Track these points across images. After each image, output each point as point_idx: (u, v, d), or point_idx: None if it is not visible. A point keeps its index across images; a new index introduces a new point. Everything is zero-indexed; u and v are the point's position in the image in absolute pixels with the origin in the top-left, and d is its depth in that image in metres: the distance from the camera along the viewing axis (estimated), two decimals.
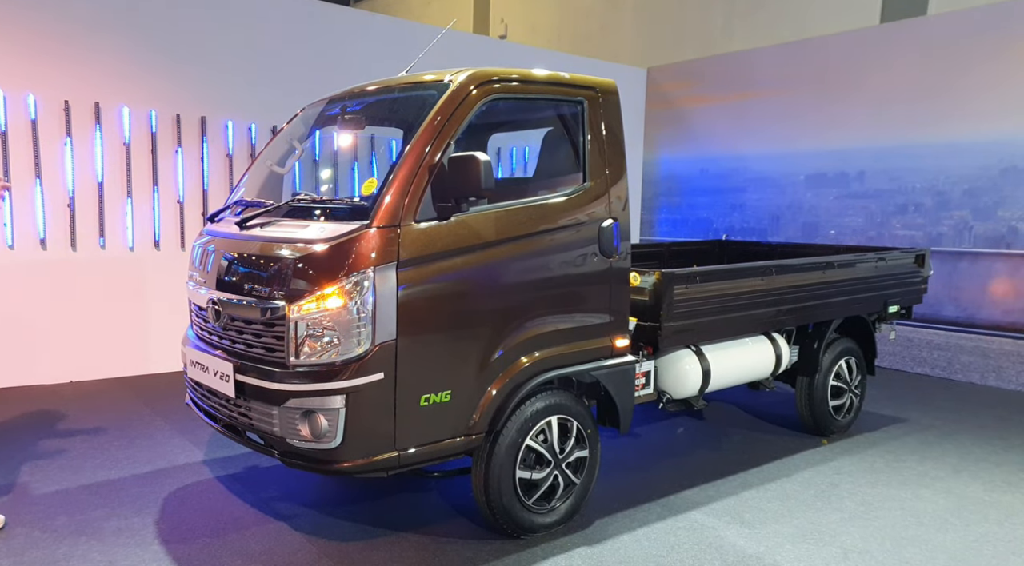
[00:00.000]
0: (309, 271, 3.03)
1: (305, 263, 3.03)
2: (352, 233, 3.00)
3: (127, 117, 6.58)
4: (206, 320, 3.57)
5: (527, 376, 3.36)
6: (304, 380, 3.01)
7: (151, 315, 6.78)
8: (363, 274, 2.94)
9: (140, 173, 6.71)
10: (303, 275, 3.03)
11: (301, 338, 3.03)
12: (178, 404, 5.73)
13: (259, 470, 4.39)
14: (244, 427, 3.30)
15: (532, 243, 3.38)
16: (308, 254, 3.03)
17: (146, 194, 6.74)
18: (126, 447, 4.76)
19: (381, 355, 2.98)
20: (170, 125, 6.79)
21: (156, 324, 6.77)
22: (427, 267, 3.08)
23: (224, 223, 3.74)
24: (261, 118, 7.17)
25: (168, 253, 6.85)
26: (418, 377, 3.09)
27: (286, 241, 3.16)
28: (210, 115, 6.96)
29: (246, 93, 7.08)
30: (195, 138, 6.92)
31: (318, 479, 4.26)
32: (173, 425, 5.22)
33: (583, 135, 3.63)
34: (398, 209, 3.03)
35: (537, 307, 3.41)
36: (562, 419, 3.54)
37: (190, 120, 6.89)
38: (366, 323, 2.96)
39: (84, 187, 6.47)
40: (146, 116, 6.65)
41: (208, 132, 6.96)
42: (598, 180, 3.63)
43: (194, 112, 6.89)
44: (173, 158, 6.83)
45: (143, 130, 6.68)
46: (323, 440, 3.00)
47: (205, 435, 5.00)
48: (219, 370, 3.31)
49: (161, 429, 5.14)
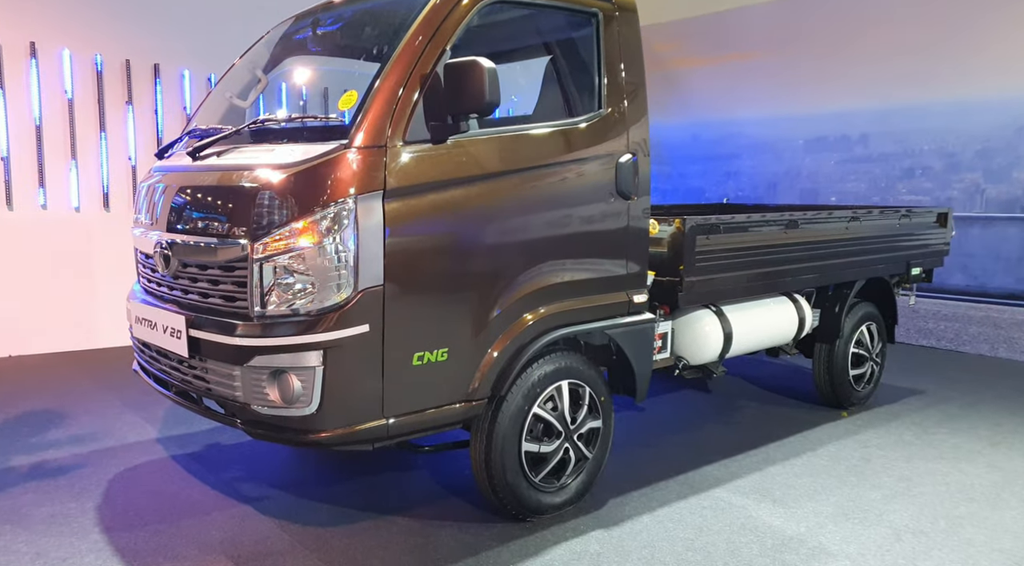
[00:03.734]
0: (275, 202, 2.50)
1: (270, 193, 2.50)
2: (327, 155, 2.47)
3: (68, 61, 5.90)
4: (154, 269, 3.02)
5: (534, 333, 2.88)
6: (272, 334, 2.49)
7: (99, 283, 6.14)
8: (342, 204, 2.43)
9: (85, 125, 6.05)
10: (268, 208, 2.50)
11: (267, 284, 2.50)
12: (130, 379, 5.13)
13: (222, 448, 3.86)
14: (200, 393, 2.77)
15: (540, 177, 2.88)
16: (273, 182, 2.50)
17: (93, 149, 6.09)
18: (67, 424, 4.18)
19: (365, 303, 2.47)
20: (119, 72, 6.14)
21: (105, 293, 6.13)
22: (419, 199, 2.57)
23: (175, 157, 3.18)
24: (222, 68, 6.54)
25: (118, 214, 6.22)
26: (410, 331, 2.59)
27: (247, 168, 2.63)
28: (164, 63, 6.31)
29: (205, 39, 6.44)
30: (148, 89, 6.27)
31: (290, 457, 3.74)
32: (125, 400, 4.65)
33: (597, 55, 3.13)
34: (383, 126, 2.51)
35: (546, 254, 2.92)
36: (573, 384, 3.07)
37: (141, 67, 6.24)
38: (347, 265, 2.45)
39: (21, 139, 5.80)
40: (90, 61, 5.98)
41: (163, 81, 6.31)
42: (615, 108, 3.14)
43: (146, 59, 6.23)
44: (124, 111, 6.18)
45: (88, 77, 6.01)
46: (296, 405, 2.49)
47: (160, 410, 4.44)
48: (169, 326, 2.77)
49: (110, 405, 4.57)
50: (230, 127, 2.94)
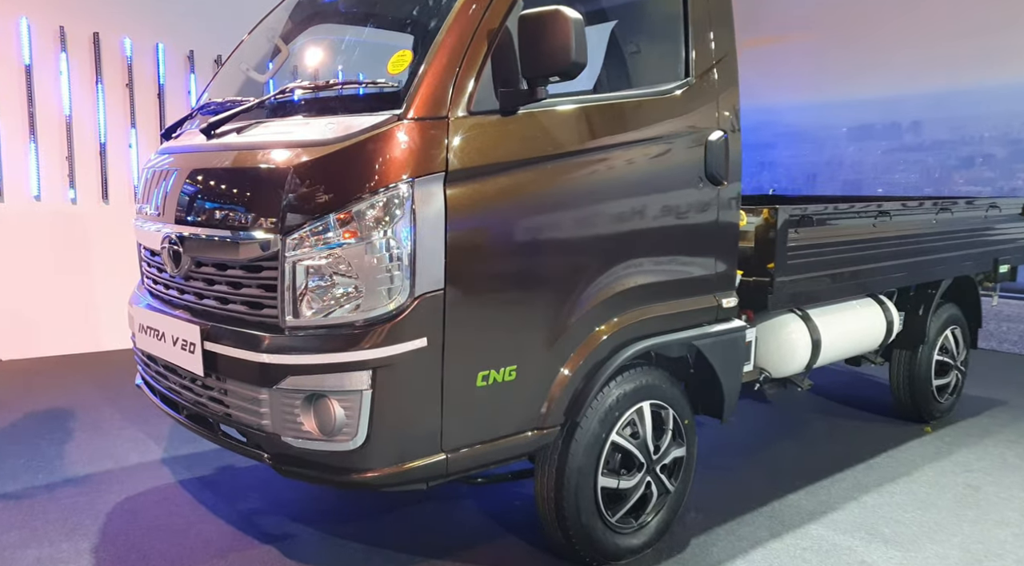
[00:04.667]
0: (312, 187, 2.02)
1: (305, 175, 2.03)
2: (377, 128, 1.99)
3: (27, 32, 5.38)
4: (160, 268, 2.54)
5: (613, 346, 2.41)
6: (307, 349, 2.01)
7: (99, 282, 5.66)
8: (395, 190, 1.95)
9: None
10: (302, 194, 2.03)
11: (302, 287, 2.03)
12: (131, 387, 4.66)
13: (236, 472, 3.39)
14: (217, 418, 2.29)
15: (621, 157, 2.40)
16: (310, 162, 2.02)
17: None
18: (61, 441, 3.71)
19: (423, 312, 2.00)
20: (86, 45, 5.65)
21: (106, 293, 5.66)
22: (486, 183, 2.09)
23: (186, 135, 2.70)
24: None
25: (119, 207, 5.74)
26: (474, 345, 2.11)
27: (276, 146, 2.15)
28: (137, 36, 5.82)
29: (183, 10, 5.95)
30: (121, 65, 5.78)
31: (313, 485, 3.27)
32: (125, 413, 4.17)
33: (684, 14, 2.65)
34: (445, 92, 2.03)
35: (627, 250, 2.45)
36: (655, 406, 2.60)
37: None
38: (400, 265, 1.98)
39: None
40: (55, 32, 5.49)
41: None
42: (704, 77, 2.66)
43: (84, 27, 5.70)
44: (93, 88, 5.70)
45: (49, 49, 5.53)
46: (337, 438, 2.02)
47: (164, 426, 3.97)
48: (180, 337, 2.30)
49: (109, 418, 4.09)
50: (252, 99, 2.46)
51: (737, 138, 2.74)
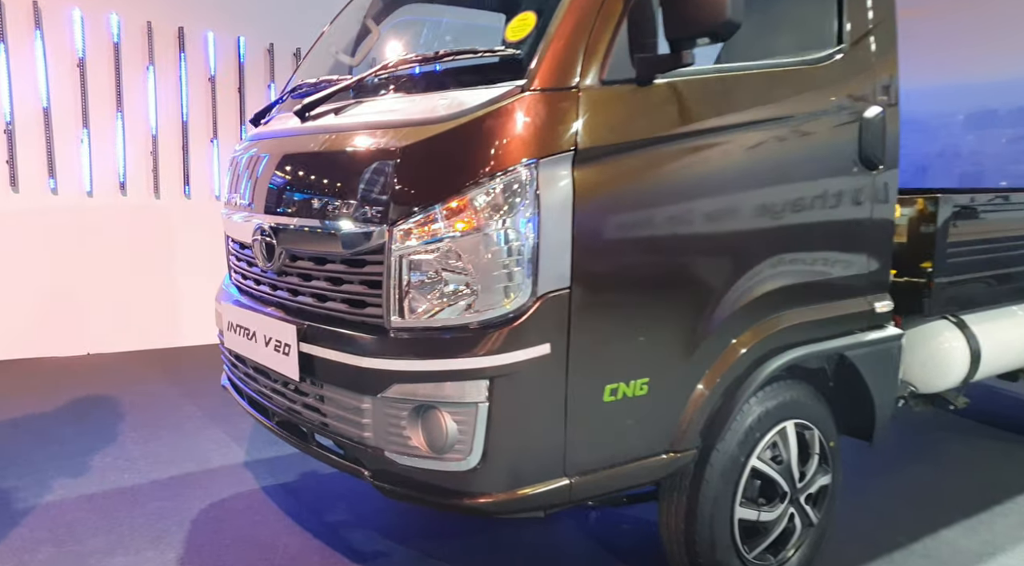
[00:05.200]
0: (423, 171, 1.78)
1: (415, 158, 1.78)
2: (496, 102, 1.73)
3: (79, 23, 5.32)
4: (250, 262, 2.36)
5: (758, 358, 2.08)
6: (417, 354, 1.77)
7: (181, 277, 5.64)
8: (516, 173, 1.68)
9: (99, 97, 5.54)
10: (412, 179, 1.78)
11: (409, 284, 1.79)
12: (213, 385, 4.57)
13: (320, 479, 3.20)
14: (312, 427, 2.08)
15: (766, 136, 2.07)
16: (419, 143, 1.78)
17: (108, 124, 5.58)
18: (146, 440, 3.61)
19: (546, 314, 1.72)
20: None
21: (189, 288, 5.63)
22: (619, 164, 1.80)
23: (277, 120, 2.51)
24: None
25: (201, 201, 5.71)
26: (602, 354, 1.83)
27: (380, 126, 1.91)
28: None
29: None
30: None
31: None
32: (206, 411, 4.07)
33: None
34: (575, 59, 1.75)
35: (772, 245, 2.11)
36: (800, 426, 2.26)
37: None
38: (522, 259, 1.71)
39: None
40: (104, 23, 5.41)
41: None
42: (860, 43, 2.30)
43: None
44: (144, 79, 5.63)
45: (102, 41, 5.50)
46: (448, 456, 1.77)
47: (246, 425, 3.84)
48: (273, 337, 2.10)
49: (191, 416, 3.99)
50: (349, 77, 2.23)
51: (895, 115, 2.37)
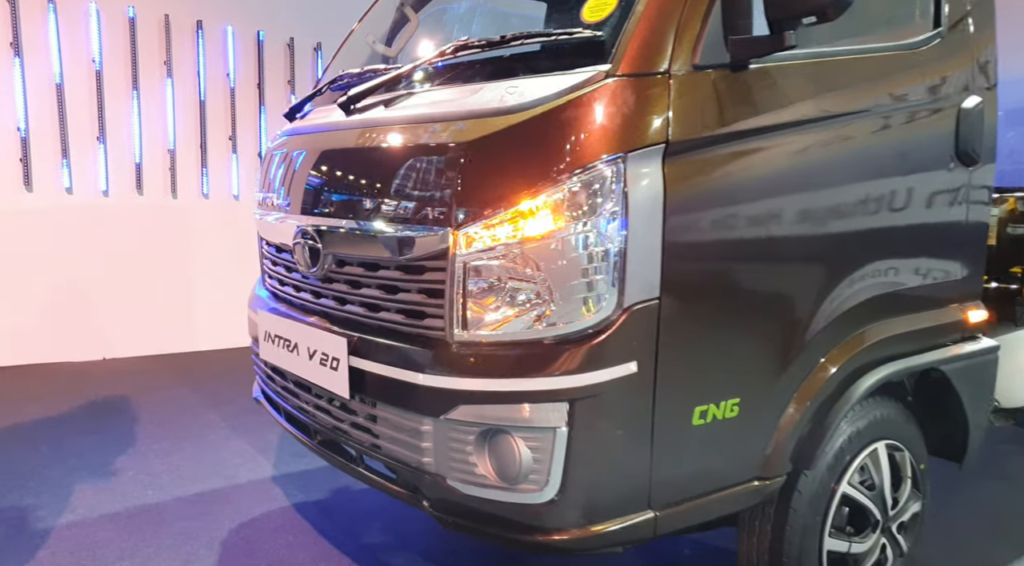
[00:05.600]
0: (493, 168, 1.60)
1: (484, 153, 1.60)
2: (578, 89, 1.55)
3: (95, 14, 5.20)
4: (289, 267, 2.18)
5: (850, 374, 1.89)
6: (484, 372, 1.59)
7: (197, 281, 5.48)
8: (600, 169, 1.50)
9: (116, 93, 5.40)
10: (481, 177, 1.60)
11: (477, 293, 1.61)
12: (234, 393, 4.41)
13: (352, 496, 3.03)
14: (362, 449, 1.90)
15: (861, 129, 1.88)
16: (489, 136, 1.60)
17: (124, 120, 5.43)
18: (168, 452, 3.44)
19: (633, 329, 1.54)
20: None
21: (205, 291, 5.47)
22: (713, 159, 1.62)
23: (316, 113, 2.34)
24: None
25: (219, 202, 5.55)
26: (693, 372, 1.64)
27: (442, 118, 1.73)
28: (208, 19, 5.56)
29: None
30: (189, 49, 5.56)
31: None
32: (229, 421, 3.90)
33: None
34: (665, 40, 1.57)
35: (866, 250, 1.92)
36: (891, 447, 2.06)
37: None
38: (606, 266, 1.52)
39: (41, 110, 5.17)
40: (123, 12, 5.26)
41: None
42: (957, 27, 2.10)
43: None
44: (161, 75, 5.49)
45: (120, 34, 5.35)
46: (521, 487, 1.58)
47: (272, 436, 3.66)
48: (318, 349, 1.92)
49: (214, 426, 3.82)
50: (397, 66, 2.05)
51: (993, 105, 2.17)
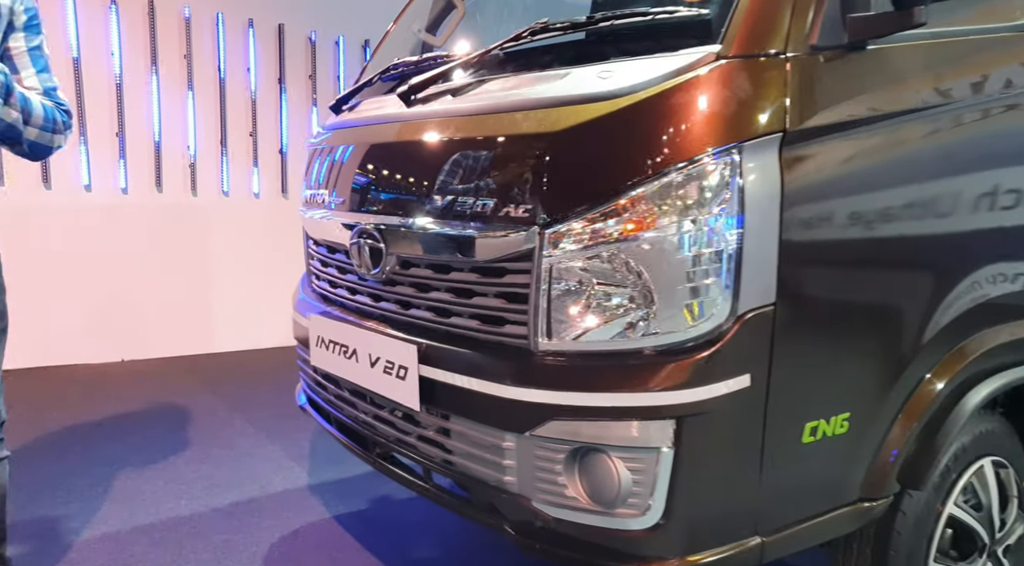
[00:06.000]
0: (587, 160, 1.45)
1: (578, 144, 1.45)
2: (686, 72, 1.40)
3: (114, 11, 5.10)
4: (343, 269, 2.04)
5: (961, 385, 1.74)
6: (578, 384, 1.44)
7: (216, 280, 5.35)
8: (714, 161, 1.35)
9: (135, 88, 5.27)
10: (574, 170, 1.46)
11: (566, 298, 1.47)
12: (257, 396, 4.29)
13: (394, 504, 2.89)
14: (432, 465, 1.76)
15: (987, 117, 1.73)
16: (584, 125, 1.45)
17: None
18: (198, 460, 3.31)
19: (748, 338, 1.39)
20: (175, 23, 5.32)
21: (222, 292, 5.34)
22: (833, 148, 1.47)
23: (368, 105, 2.19)
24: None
25: (239, 200, 5.42)
26: (806, 385, 1.50)
27: (526, 107, 1.58)
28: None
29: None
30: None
31: None
32: (257, 426, 3.76)
33: None
34: (782, 18, 1.42)
35: (987, 249, 1.76)
36: (997, 464, 1.91)
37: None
38: (719, 269, 1.38)
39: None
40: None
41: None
42: None
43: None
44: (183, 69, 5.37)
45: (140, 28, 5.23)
46: (619, 512, 1.44)
47: (304, 441, 3.53)
48: (382, 356, 1.77)
49: (241, 431, 3.69)
50: (464, 53, 1.90)
51: None
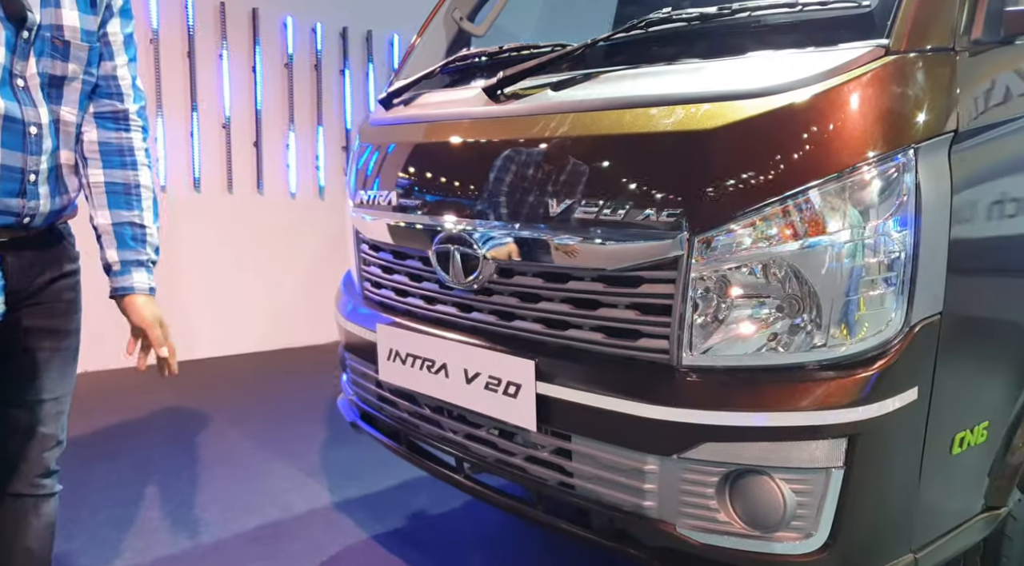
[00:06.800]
0: (744, 161, 1.34)
1: (732, 144, 1.35)
2: (849, 68, 1.30)
3: (155, 3, 4.75)
4: (415, 276, 1.89)
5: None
6: (735, 403, 1.35)
7: (185, 283, 5.02)
8: (889, 161, 1.27)
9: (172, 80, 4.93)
10: (728, 171, 1.35)
11: (717, 307, 1.36)
12: (245, 404, 4.04)
13: (433, 521, 2.73)
14: (549, 490, 1.62)
15: None
16: (740, 123, 1.33)
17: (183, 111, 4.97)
18: (205, 480, 3.05)
19: (918, 350, 1.32)
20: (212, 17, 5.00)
21: (192, 294, 5.02)
22: (998, 148, 1.43)
23: (436, 97, 2.03)
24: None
25: (212, 192, 5.10)
26: (958, 395, 1.44)
27: (662, 102, 1.44)
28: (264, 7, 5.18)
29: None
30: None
31: (539, 535, 2.61)
32: (255, 440, 3.52)
33: None
34: (949, 12, 1.35)
35: None
36: None
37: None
38: (892, 277, 1.30)
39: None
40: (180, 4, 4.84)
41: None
42: None
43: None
44: (216, 63, 5.05)
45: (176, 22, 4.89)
46: (779, 536, 1.35)
47: (312, 454, 3.32)
48: (482, 372, 1.63)
49: (240, 445, 3.44)
50: (564, 45, 1.76)
51: None
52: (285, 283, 5.31)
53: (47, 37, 1.40)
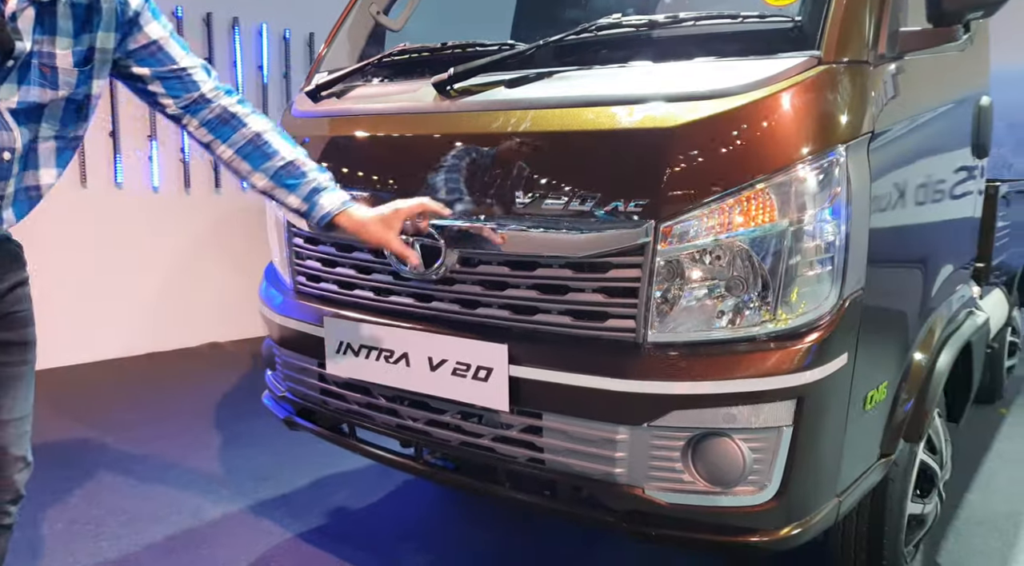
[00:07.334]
0: (704, 156, 1.49)
1: (693, 140, 1.48)
2: (794, 74, 1.49)
3: None
4: (363, 268, 1.88)
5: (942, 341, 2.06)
6: (698, 374, 1.49)
7: (46, 287, 4.54)
8: (829, 157, 1.47)
9: None
10: (691, 165, 1.48)
11: (680, 289, 1.50)
12: (112, 413, 3.75)
13: (355, 514, 2.70)
14: (516, 467, 1.69)
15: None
16: (700, 121, 1.47)
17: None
18: (94, 492, 2.80)
19: (848, 321, 1.54)
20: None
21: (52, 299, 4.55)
22: (894, 147, 1.70)
23: (362, 92, 2.01)
24: None
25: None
26: (872, 358, 1.69)
27: (629, 102, 1.54)
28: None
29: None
30: None
31: (495, 519, 2.65)
32: (138, 447, 3.28)
33: None
34: (865, 30, 1.57)
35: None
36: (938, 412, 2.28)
37: None
38: (830, 259, 1.50)
39: None
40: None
41: None
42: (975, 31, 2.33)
43: None
44: None
45: None
46: (737, 490, 1.51)
47: (209, 460, 3.15)
48: (448, 359, 1.67)
49: (124, 454, 3.19)
50: (511, 43, 1.81)
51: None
52: (148, 284, 4.93)
53: (34, 64, 1.31)
